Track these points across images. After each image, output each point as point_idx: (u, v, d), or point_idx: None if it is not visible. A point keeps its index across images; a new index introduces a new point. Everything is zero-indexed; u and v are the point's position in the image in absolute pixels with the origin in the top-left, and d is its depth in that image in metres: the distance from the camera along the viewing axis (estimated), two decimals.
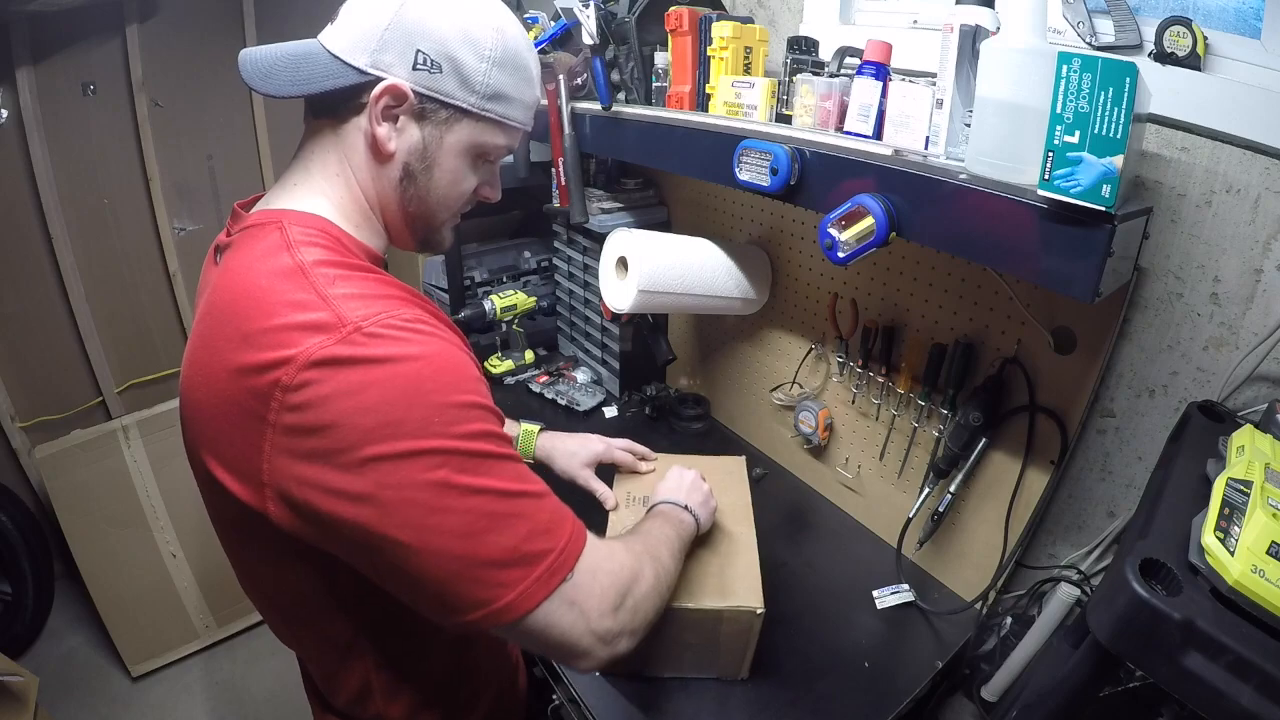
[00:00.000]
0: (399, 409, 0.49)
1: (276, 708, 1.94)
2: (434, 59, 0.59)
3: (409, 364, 0.50)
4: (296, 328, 0.50)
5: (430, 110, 0.61)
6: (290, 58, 0.59)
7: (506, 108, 0.64)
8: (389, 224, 0.67)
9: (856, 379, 1.20)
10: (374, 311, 0.51)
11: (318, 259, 0.55)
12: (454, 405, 0.52)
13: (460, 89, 0.61)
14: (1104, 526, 0.98)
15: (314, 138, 0.63)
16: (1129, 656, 0.53)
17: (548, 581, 0.54)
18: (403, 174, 0.63)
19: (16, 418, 2.07)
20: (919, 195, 0.76)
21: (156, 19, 1.99)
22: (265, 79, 0.58)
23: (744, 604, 0.86)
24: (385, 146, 0.61)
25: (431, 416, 0.50)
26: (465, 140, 0.64)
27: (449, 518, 0.50)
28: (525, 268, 1.92)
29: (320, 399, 0.48)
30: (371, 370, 0.49)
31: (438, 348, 0.53)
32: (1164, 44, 0.80)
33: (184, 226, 2.22)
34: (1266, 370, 0.80)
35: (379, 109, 0.59)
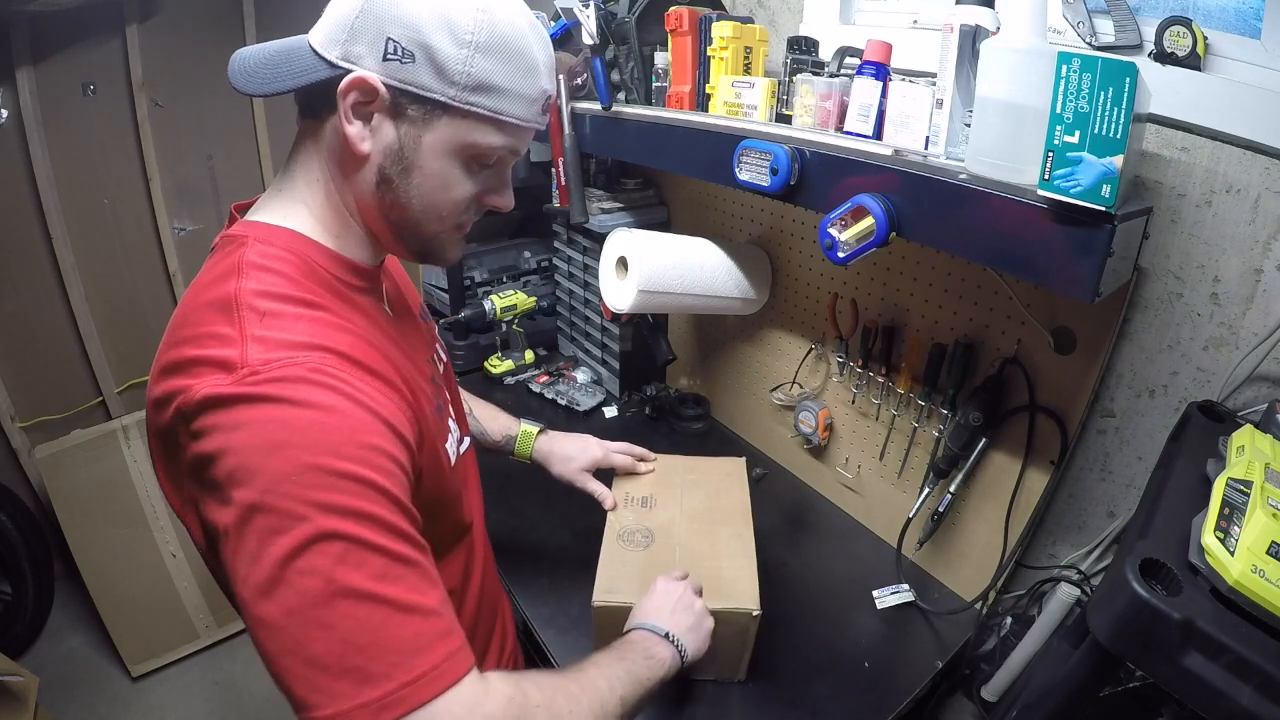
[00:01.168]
0: (258, 456, 0.45)
1: (276, 708, 1.92)
2: (405, 47, 0.52)
3: (285, 412, 0.46)
4: (205, 361, 0.48)
5: (405, 105, 0.54)
6: (273, 55, 0.56)
7: (496, 100, 0.56)
8: (376, 233, 0.62)
9: (856, 379, 1.20)
10: (278, 357, 0.48)
11: (259, 289, 0.52)
12: (320, 469, 0.46)
13: (436, 80, 0.53)
14: (1104, 526, 0.98)
15: (300, 140, 0.60)
16: (1129, 656, 0.53)
17: (379, 714, 0.44)
18: (378, 178, 0.57)
19: (16, 418, 2.07)
20: (919, 195, 0.76)
21: (156, 19, 1.99)
22: (247, 78, 0.55)
23: (740, 606, 0.86)
24: (358, 147, 0.55)
25: (289, 475, 0.45)
26: (448, 139, 0.56)
27: (284, 592, 0.44)
28: (525, 268, 1.92)
29: (207, 432, 0.47)
30: (248, 411, 0.46)
31: (329, 403, 0.48)
32: (1164, 44, 0.80)
33: (184, 226, 2.22)
34: (1266, 370, 0.80)
35: (348, 105, 0.53)
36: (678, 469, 1.12)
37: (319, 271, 0.57)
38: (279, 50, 0.56)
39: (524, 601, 1.06)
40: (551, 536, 1.19)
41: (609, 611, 0.86)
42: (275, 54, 0.56)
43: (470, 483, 0.79)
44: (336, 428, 0.48)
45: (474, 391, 1.75)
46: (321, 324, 0.53)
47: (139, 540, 1.97)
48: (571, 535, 1.00)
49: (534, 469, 1.09)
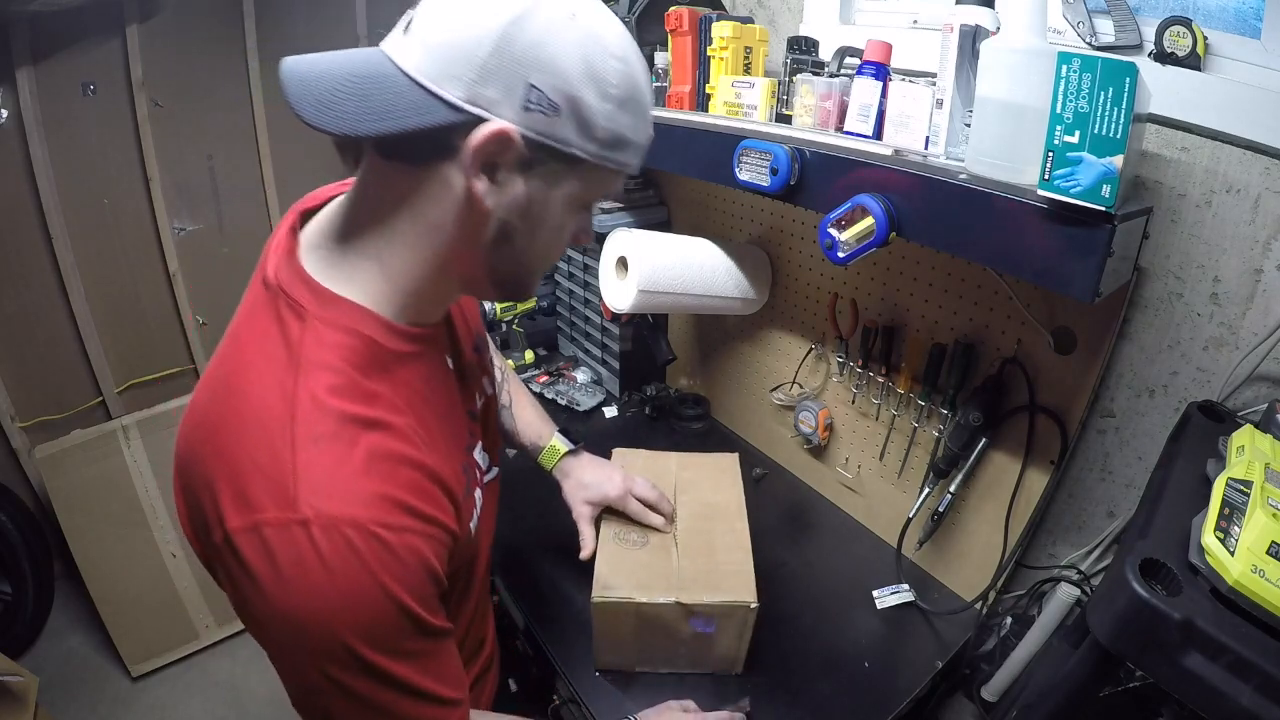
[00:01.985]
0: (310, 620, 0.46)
1: (276, 708, 1.93)
2: (550, 98, 0.46)
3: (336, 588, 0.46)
4: (258, 483, 0.47)
5: (541, 159, 0.49)
6: (356, 80, 0.46)
7: (626, 154, 0.53)
8: (468, 283, 0.58)
9: (856, 379, 1.20)
10: (332, 510, 0.46)
11: (319, 391, 0.48)
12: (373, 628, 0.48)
13: (579, 135, 0.49)
14: (1104, 526, 0.98)
15: (380, 182, 0.51)
16: (1129, 656, 0.53)
17: None
18: (498, 234, 0.52)
19: (16, 418, 2.07)
20: (919, 195, 0.76)
21: (156, 19, 1.99)
22: (324, 109, 0.45)
23: (737, 599, 0.87)
24: (482, 204, 0.49)
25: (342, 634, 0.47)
26: (577, 193, 0.53)
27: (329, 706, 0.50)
28: None
29: (246, 576, 0.47)
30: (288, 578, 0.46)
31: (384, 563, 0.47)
32: (1164, 44, 0.80)
33: (184, 226, 2.22)
34: (1266, 370, 0.80)
35: (478, 160, 0.47)
36: (670, 466, 1.11)
37: (379, 355, 0.53)
38: (361, 73, 0.46)
39: (525, 603, 1.06)
40: (554, 539, 1.19)
41: (608, 607, 0.87)
42: (357, 79, 0.46)
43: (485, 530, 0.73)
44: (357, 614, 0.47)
45: None
46: (376, 456, 0.49)
47: (139, 540, 1.97)
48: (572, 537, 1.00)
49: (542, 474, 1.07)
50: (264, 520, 0.46)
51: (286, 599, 0.46)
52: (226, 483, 0.48)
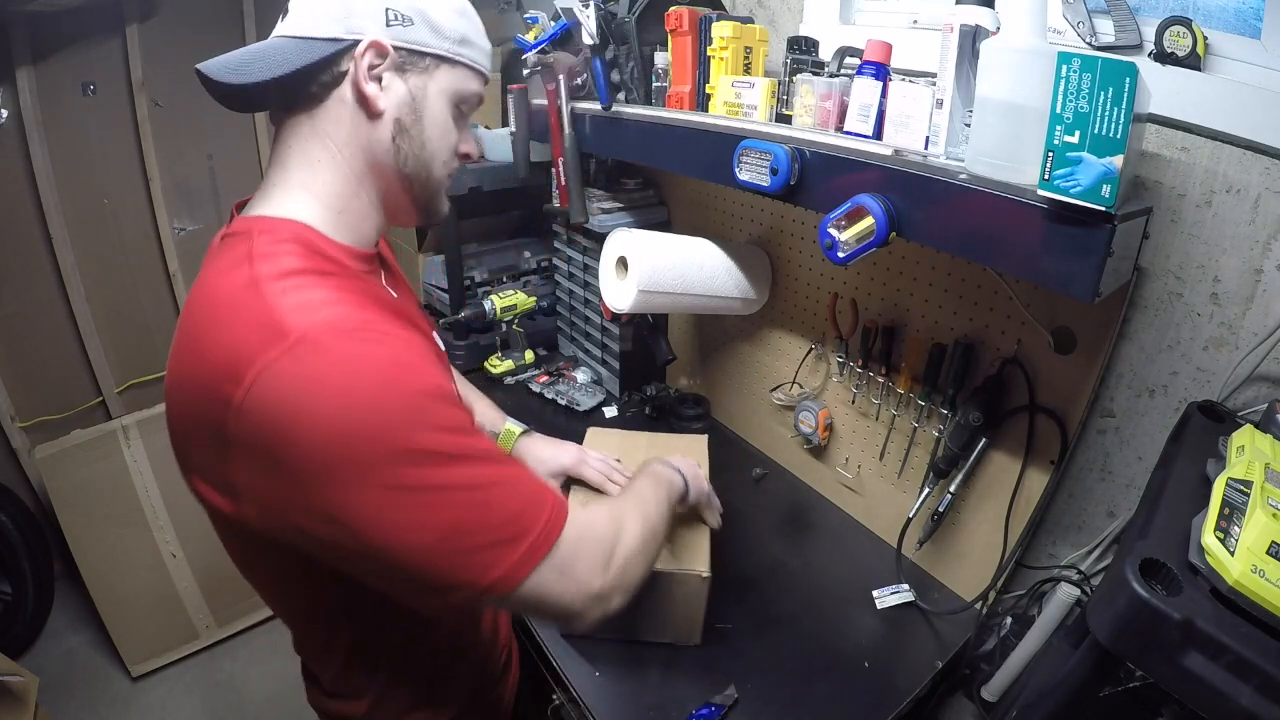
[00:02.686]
0: (354, 422, 0.48)
1: (276, 708, 1.93)
2: (403, 13, 0.60)
3: (358, 376, 0.49)
4: (248, 342, 0.49)
5: (411, 61, 0.62)
6: (257, 52, 0.59)
7: (474, 52, 0.66)
8: (386, 195, 0.66)
9: (856, 379, 1.20)
10: (320, 320, 0.50)
11: (276, 271, 0.53)
12: (411, 408, 0.51)
13: (434, 36, 0.62)
14: (1104, 526, 0.98)
15: (288, 133, 0.62)
16: (1129, 656, 0.53)
17: (530, 558, 0.56)
18: (395, 130, 0.63)
19: (16, 418, 2.07)
20: (919, 195, 0.76)
21: (156, 19, 1.99)
22: (238, 72, 0.58)
23: (691, 568, 0.91)
24: (376, 104, 0.60)
25: (389, 424, 0.49)
26: (447, 86, 0.65)
27: (423, 516, 0.51)
28: (525, 268, 1.92)
29: (274, 417, 0.47)
30: (323, 384, 0.48)
31: (387, 351, 0.52)
32: (1164, 44, 0.80)
33: (184, 226, 2.22)
34: (1266, 370, 0.80)
35: (364, 68, 0.59)
36: (640, 444, 1.14)
37: (324, 254, 0.59)
38: (261, 48, 0.60)
39: None
40: None
41: None
42: (259, 51, 0.59)
43: None
44: (403, 368, 0.52)
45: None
46: (342, 289, 0.55)
47: (139, 540, 1.97)
48: None
49: None
50: (265, 364, 0.47)
51: (324, 418, 0.47)
52: (216, 372, 0.49)
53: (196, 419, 0.52)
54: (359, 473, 0.48)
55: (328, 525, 0.50)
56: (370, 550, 0.51)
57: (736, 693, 0.91)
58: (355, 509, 0.49)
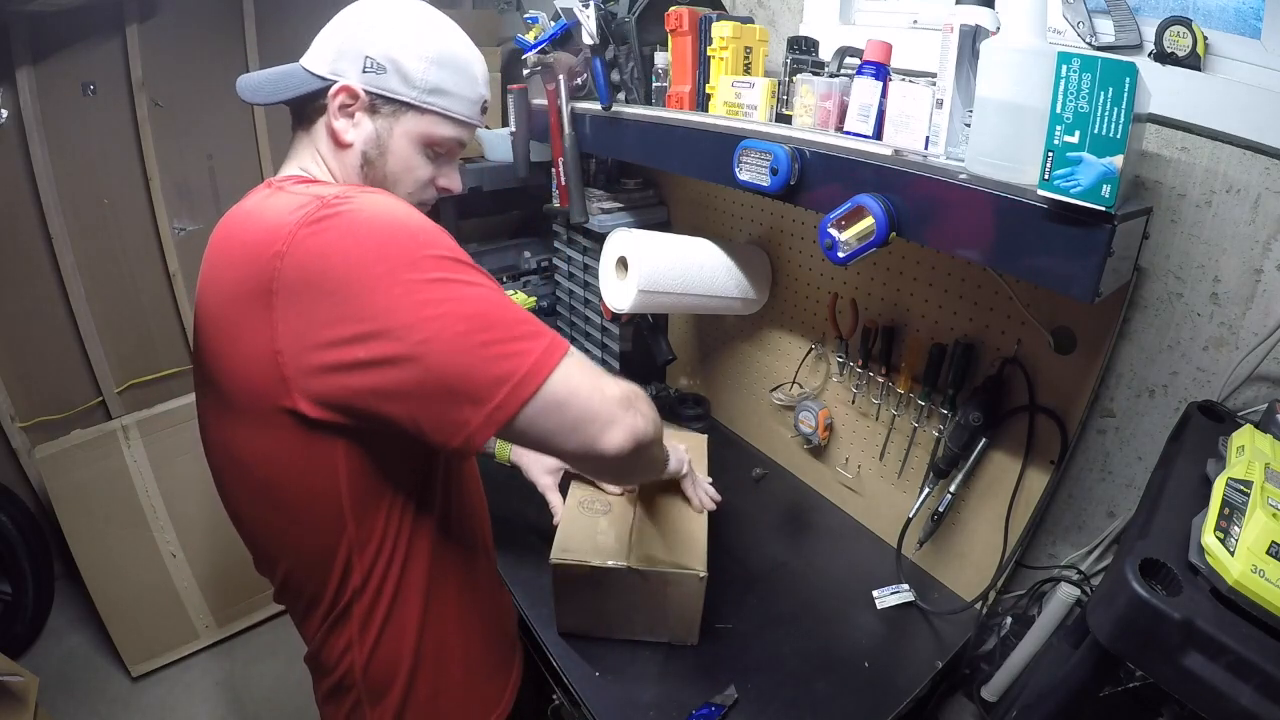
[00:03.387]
0: (385, 238, 0.57)
1: (276, 708, 1.93)
2: (379, 62, 0.69)
3: (384, 212, 0.59)
4: (282, 213, 0.59)
5: (379, 104, 0.71)
6: (276, 75, 0.72)
7: (447, 101, 0.73)
8: None
9: (856, 379, 1.20)
10: (343, 191, 0.62)
11: (302, 185, 0.66)
12: (431, 231, 0.60)
13: (403, 85, 0.70)
14: (1104, 526, 0.98)
15: (296, 141, 0.75)
16: (1129, 656, 0.53)
17: (554, 350, 0.59)
18: (361, 160, 0.73)
19: (16, 418, 2.07)
20: (919, 195, 0.76)
21: (156, 19, 1.99)
22: (254, 91, 0.72)
23: (689, 567, 0.91)
24: (342, 137, 0.71)
25: (414, 239, 0.58)
26: (413, 130, 0.73)
27: (450, 304, 0.57)
28: (525, 268, 1.92)
29: (314, 254, 0.56)
30: (353, 220, 0.57)
31: (403, 204, 0.62)
32: (1164, 44, 0.80)
33: (184, 226, 2.22)
34: (1266, 370, 0.80)
35: (335, 106, 0.70)
36: None
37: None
38: (280, 72, 0.73)
39: (524, 601, 1.06)
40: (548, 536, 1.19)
41: (565, 569, 0.92)
42: (277, 75, 0.72)
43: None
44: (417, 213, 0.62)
45: None
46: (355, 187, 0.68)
47: (139, 540, 1.97)
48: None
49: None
50: (306, 216, 0.57)
51: (357, 238, 0.56)
52: (259, 246, 0.58)
53: (235, 296, 0.59)
54: (391, 271, 0.55)
55: (368, 343, 0.55)
56: (409, 356, 0.55)
57: (736, 693, 0.91)
58: (391, 306, 0.55)
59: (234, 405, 0.63)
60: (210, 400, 0.69)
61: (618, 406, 0.62)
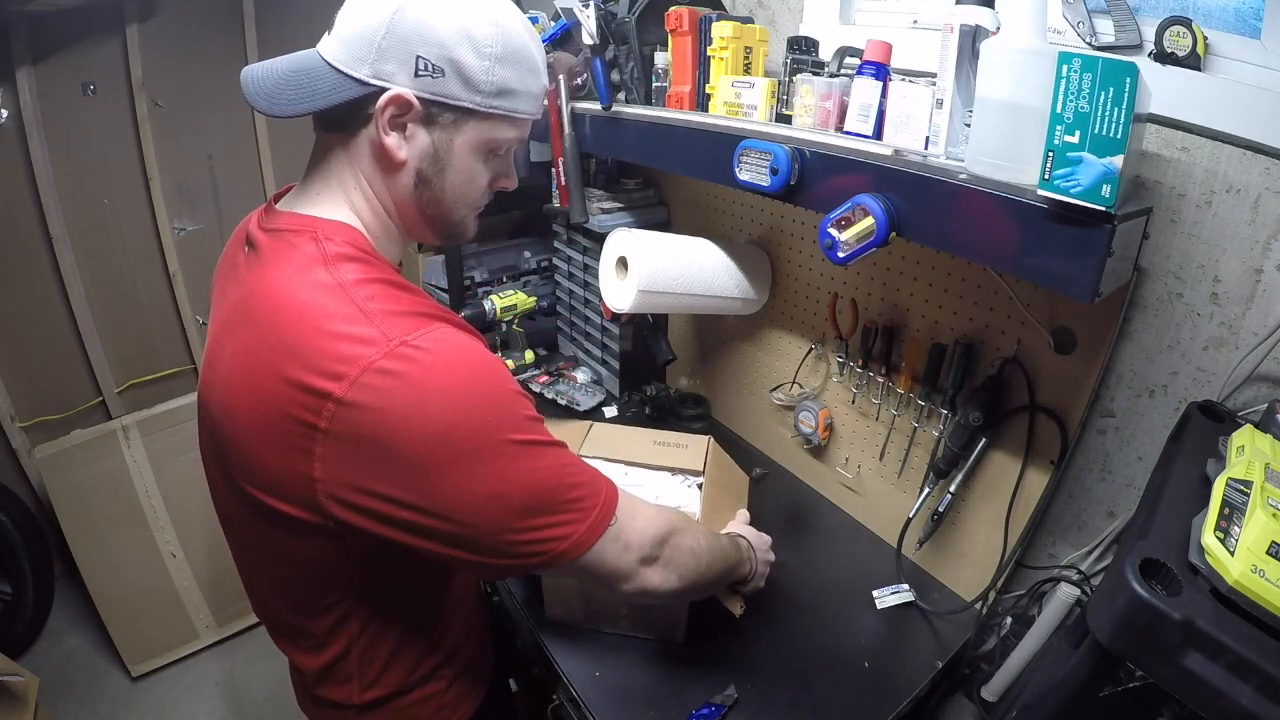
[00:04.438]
0: (455, 417, 0.53)
1: (276, 708, 1.93)
2: (435, 63, 0.58)
3: (455, 374, 0.54)
4: (346, 341, 0.53)
5: (437, 114, 0.61)
6: (292, 74, 0.59)
7: (514, 102, 0.63)
8: (408, 226, 0.69)
9: (856, 379, 1.20)
10: (411, 327, 0.55)
11: (355, 277, 0.57)
12: (500, 404, 0.56)
13: (465, 90, 0.60)
14: (1104, 526, 0.98)
15: (327, 151, 0.64)
16: (1129, 656, 0.53)
17: (596, 528, 0.62)
18: (416, 180, 0.64)
19: (16, 418, 2.07)
20: (919, 195, 0.76)
21: (156, 19, 1.99)
22: (270, 99, 0.58)
23: None
24: (395, 155, 0.61)
25: (484, 419, 0.55)
26: (475, 139, 0.64)
27: (508, 501, 0.56)
28: (525, 268, 1.92)
29: (378, 411, 0.52)
30: (423, 383, 0.53)
31: (472, 355, 0.57)
32: (1164, 44, 0.80)
33: (184, 226, 2.22)
34: (1266, 370, 0.80)
35: (385, 119, 0.59)
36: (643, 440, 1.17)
37: (381, 264, 0.63)
38: (296, 68, 0.59)
39: (521, 598, 1.07)
40: None
41: None
42: (293, 73, 0.59)
43: None
44: (488, 370, 0.57)
45: None
46: (412, 297, 0.60)
47: (139, 540, 1.97)
48: None
49: None
50: (368, 363, 0.52)
51: (425, 414, 0.52)
52: (303, 367, 0.52)
53: (278, 411, 0.54)
54: (456, 460, 0.54)
55: (417, 511, 0.55)
56: (456, 533, 0.56)
57: (736, 693, 0.91)
58: (450, 494, 0.54)
59: (248, 496, 0.60)
60: (219, 472, 0.65)
61: (641, 564, 0.69)
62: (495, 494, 0.56)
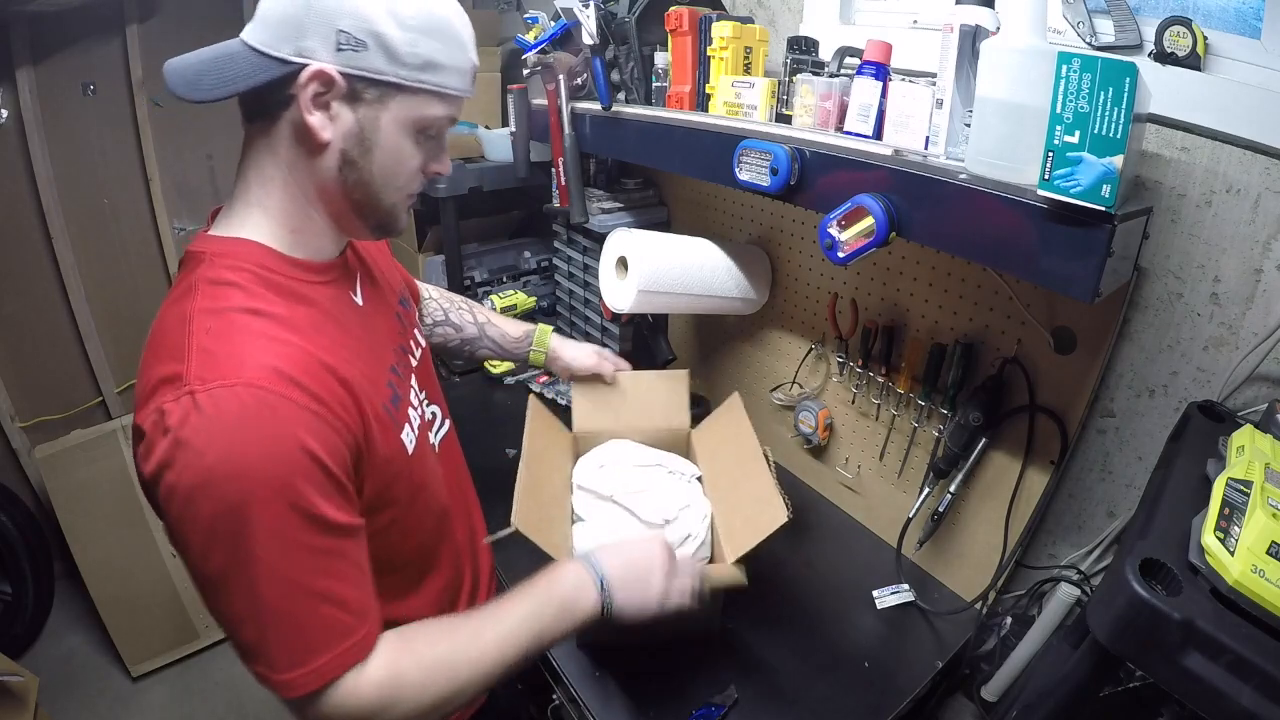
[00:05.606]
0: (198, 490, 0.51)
1: (276, 708, 1.91)
2: (357, 36, 0.56)
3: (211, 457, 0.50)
4: (156, 381, 0.52)
5: (361, 89, 0.58)
6: (213, 59, 0.57)
7: (440, 76, 0.61)
8: (336, 216, 0.65)
9: (856, 379, 1.20)
10: (210, 380, 0.51)
11: (210, 306, 0.55)
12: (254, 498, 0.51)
13: (389, 63, 0.58)
14: (1104, 526, 0.98)
15: (249, 144, 0.62)
16: (1129, 656, 0.53)
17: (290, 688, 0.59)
18: (341, 161, 0.61)
19: (16, 418, 2.07)
20: (919, 195, 0.76)
21: (156, 19, 1.99)
22: (191, 86, 0.56)
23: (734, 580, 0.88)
24: (319, 136, 0.58)
25: (229, 501, 0.51)
26: (403, 116, 0.61)
27: (234, 580, 0.53)
28: (525, 268, 1.92)
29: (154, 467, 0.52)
30: (187, 443, 0.50)
31: (253, 438, 0.51)
32: (1164, 44, 0.80)
33: (184, 226, 2.22)
34: (1266, 370, 0.80)
35: (308, 97, 0.56)
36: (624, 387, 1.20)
37: (273, 278, 0.60)
38: (219, 54, 0.58)
39: None
40: None
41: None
42: (214, 59, 0.58)
43: (445, 467, 0.82)
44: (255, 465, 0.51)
45: (474, 391, 1.75)
46: (265, 337, 0.55)
47: (139, 540, 1.97)
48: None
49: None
50: (156, 404, 0.51)
51: (185, 465, 0.50)
52: (142, 396, 0.53)
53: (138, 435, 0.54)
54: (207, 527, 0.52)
55: (178, 542, 0.55)
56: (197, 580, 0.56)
57: (736, 693, 0.91)
58: (194, 549, 0.54)
59: None
60: None
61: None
62: (221, 572, 0.53)
